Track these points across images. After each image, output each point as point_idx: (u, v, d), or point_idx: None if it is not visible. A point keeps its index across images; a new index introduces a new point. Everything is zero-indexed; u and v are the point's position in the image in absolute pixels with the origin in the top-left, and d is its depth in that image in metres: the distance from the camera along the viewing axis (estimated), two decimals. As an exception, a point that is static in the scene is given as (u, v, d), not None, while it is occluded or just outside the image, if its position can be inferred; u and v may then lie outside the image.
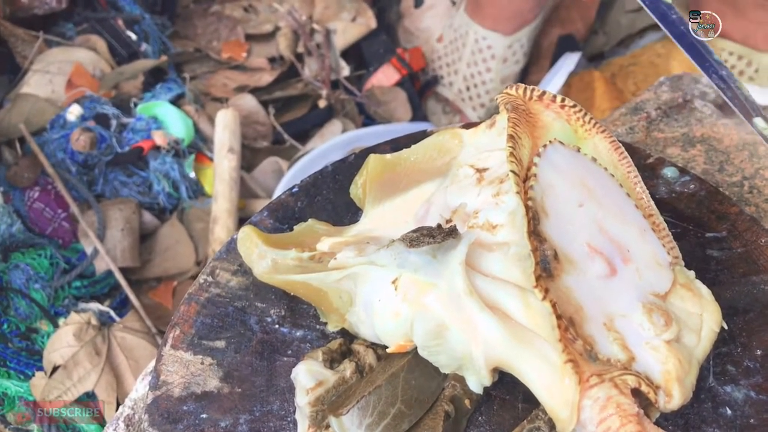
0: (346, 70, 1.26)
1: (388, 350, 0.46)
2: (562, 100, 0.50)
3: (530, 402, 0.47)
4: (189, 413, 0.49)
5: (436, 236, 0.44)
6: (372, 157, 0.55)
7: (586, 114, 0.50)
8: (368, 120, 1.22)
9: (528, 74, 1.28)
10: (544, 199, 0.44)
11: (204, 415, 0.49)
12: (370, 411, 0.43)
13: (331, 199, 0.59)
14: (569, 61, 1.19)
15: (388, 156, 0.55)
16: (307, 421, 0.45)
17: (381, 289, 0.46)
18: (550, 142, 0.47)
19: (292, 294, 0.52)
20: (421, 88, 1.25)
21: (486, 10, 1.17)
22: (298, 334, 0.53)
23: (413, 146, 0.55)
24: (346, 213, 0.59)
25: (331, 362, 0.47)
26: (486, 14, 1.17)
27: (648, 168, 0.60)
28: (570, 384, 0.41)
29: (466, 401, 0.46)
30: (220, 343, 0.53)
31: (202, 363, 0.52)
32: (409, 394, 0.45)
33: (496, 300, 0.43)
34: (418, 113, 1.21)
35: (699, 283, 0.47)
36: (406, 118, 1.20)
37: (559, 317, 0.41)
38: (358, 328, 0.49)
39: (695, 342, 0.45)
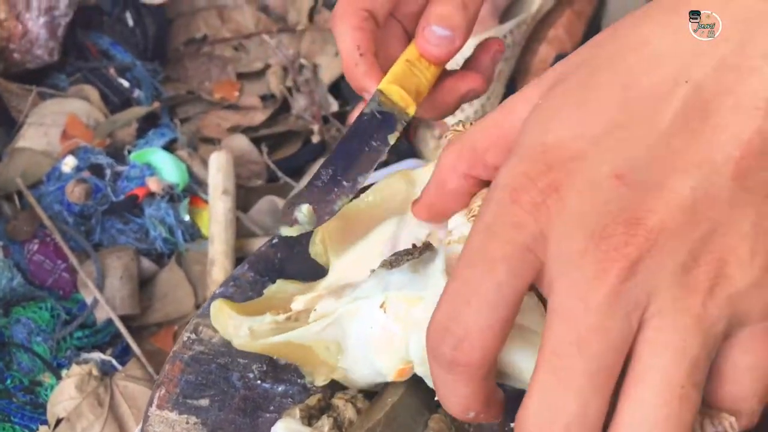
0: (334, 106, 1.27)
1: (389, 379, 0.46)
2: None
3: None
4: (174, 475, 0.50)
5: (413, 253, 0.45)
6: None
7: None
8: (360, 153, 1.23)
9: (515, 89, 1.28)
10: None
11: (189, 476, 0.50)
12: (348, 468, 0.44)
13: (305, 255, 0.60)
14: None
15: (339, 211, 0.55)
16: (288, 480, 0.45)
17: (370, 318, 0.46)
18: None
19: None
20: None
21: None
22: (279, 389, 0.53)
23: (361, 195, 0.56)
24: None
25: (310, 419, 0.47)
26: None
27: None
28: None
29: (447, 453, 0.46)
30: (204, 402, 0.53)
31: (188, 422, 0.53)
32: (387, 449, 0.45)
33: None
34: (401, 146, 1.22)
35: None
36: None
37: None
38: (354, 371, 0.48)
39: None
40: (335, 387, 0.52)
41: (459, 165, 0.44)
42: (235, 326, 0.51)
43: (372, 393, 0.50)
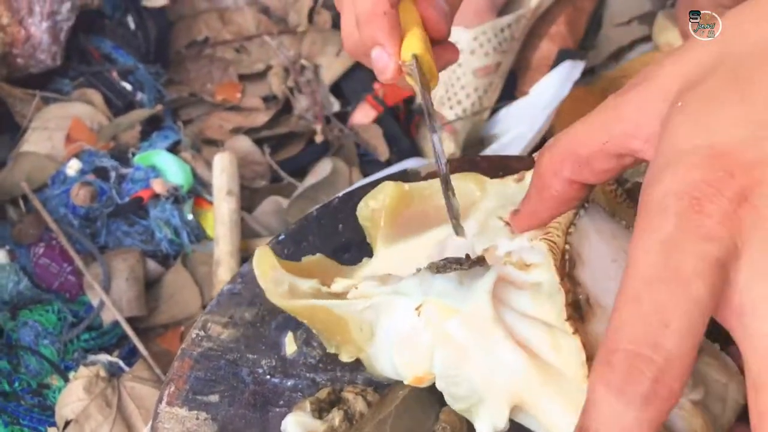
0: (336, 106, 1.27)
1: (405, 382, 0.46)
2: None
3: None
4: (186, 470, 0.50)
5: (463, 263, 0.44)
6: (390, 185, 0.54)
7: (618, 187, 0.50)
8: (365, 154, 1.23)
9: (518, 86, 1.28)
10: (581, 248, 0.44)
11: (201, 472, 0.50)
12: (359, 459, 0.44)
13: (318, 245, 0.60)
14: (575, 69, 1.19)
15: (407, 186, 0.54)
16: (300, 473, 0.45)
17: (404, 317, 0.46)
18: (591, 201, 0.46)
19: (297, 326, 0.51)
20: (406, 118, 1.26)
21: None
22: (289, 383, 0.53)
23: (431, 181, 0.55)
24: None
25: (320, 411, 0.47)
26: None
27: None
28: None
29: (456, 444, 0.46)
30: (214, 398, 0.54)
31: (197, 418, 0.53)
32: (398, 440, 0.45)
33: (522, 335, 0.43)
34: (403, 145, 1.22)
35: (724, 354, 0.46)
36: (385, 153, 1.21)
37: (588, 359, 0.40)
38: (377, 360, 0.48)
39: (720, 410, 0.43)
40: (343, 382, 0.52)
41: (562, 170, 0.41)
42: (275, 278, 0.51)
43: (383, 386, 0.51)
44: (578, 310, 0.41)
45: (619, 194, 0.49)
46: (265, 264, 0.52)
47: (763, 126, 0.33)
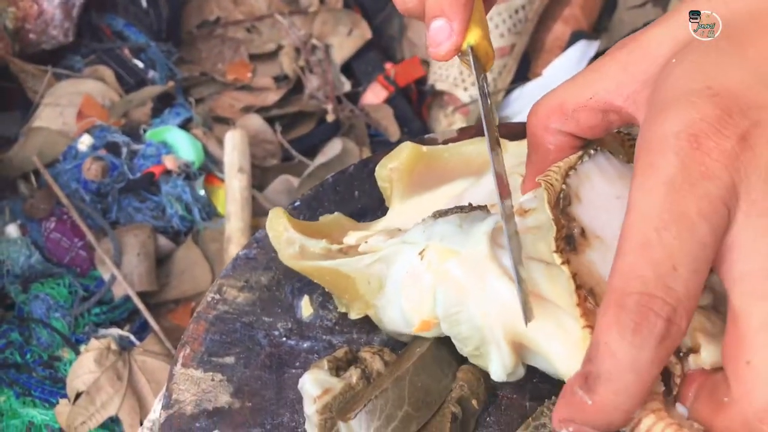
0: (347, 86, 1.27)
1: (413, 330, 0.46)
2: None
3: (537, 400, 0.47)
4: (202, 430, 0.50)
5: (464, 208, 0.45)
6: (408, 145, 0.54)
7: (627, 133, 0.50)
8: (375, 134, 1.23)
9: (531, 67, 1.28)
10: (579, 188, 0.44)
11: (216, 431, 0.50)
12: (377, 415, 0.44)
13: (333, 211, 0.60)
14: (590, 49, 1.19)
15: (425, 148, 0.55)
16: (317, 430, 0.45)
17: (408, 263, 0.46)
18: (598, 149, 0.46)
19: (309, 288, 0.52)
20: (418, 98, 1.26)
21: None
22: (305, 345, 0.53)
23: (450, 144, 0.55)
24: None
25: (337, 370, 0.47)
26: None
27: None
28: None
29: (474, 402, 0.46)
30: (230, 359, 0.53)
31: (213, 379, 0.53)
32: (416, 397, 0.45)
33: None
34: (414, 125, 1.22)
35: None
36: (396, 133, 1.21)
37: (579, 287, 0.40)
38: (385, 312, 0.48)
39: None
40: (360, 343, 0.52)
41: (550, 123, 0.42)
42: (288, 239, 0.51)
43: (399, 347, 0.50)
44: (571, 243, 0.42)
45: (627, 140, 0.49)
46: (278, 225, 0.52)
47: (761, 76, 0.34)
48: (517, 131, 0.60)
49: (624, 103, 0.39)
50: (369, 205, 0.60)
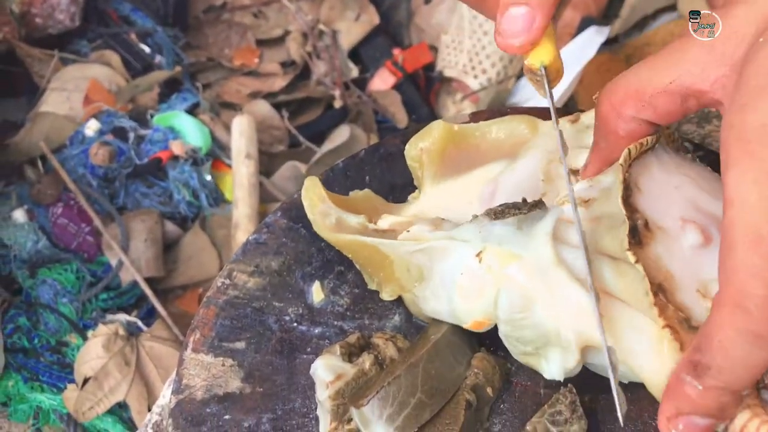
0: (354, 71, 1.26)
1: (464, 326, 0.45)
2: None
3: (552, 387, 0.47)
4: (212, 415, 0.50)
5: (521, 208, 0.43)
6: (440, 124, 0.53)
7: (675, 131, 0.49)
8: (383, 120, 1.22)
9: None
10: (639, 178, 0.43)
11: (227, 416, 0.49)
12: (390, 401, 0.43)
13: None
14: (600, 34, 1.18)
15: (456, 127, 0.53)
16: (329, 416, 0.45)
17: (463, 263, 0.45)
18: (660, 138, 0.45)
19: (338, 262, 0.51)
20: (426, 85, 1.25)
21: None
22: (316, 331, 0.53)
23: (481, 123, 0.53)
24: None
25: (350, 356, 0.47)
26: None
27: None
28: (670, 351, 0.39)
29: (488, 389, 0.46)
30: (240, 344, 0.53)
31: (223, 365, 0.52)
32: (430, 384, 0.45)
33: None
34: (422, 112, 1.21)
35: None
36: (403, 120, 1.20)
37: (649, 283, 0.39)
38: (428, 302, 0.47)
39: None
40: (371, 330, 0.52)
41: (625, 110, 0.40)
42: (323, 210, 0.50)
43: (412, 334, 0.50)
44: (636, 236, 0.40)
45: (676, 138, 0.48)
46: (313, 195, 0.52)
47: None
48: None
49: (711, 88, 0.37)
50: (380, 191, 0.59)
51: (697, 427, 0.35)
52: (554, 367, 0.43)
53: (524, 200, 0.43)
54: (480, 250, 0.44)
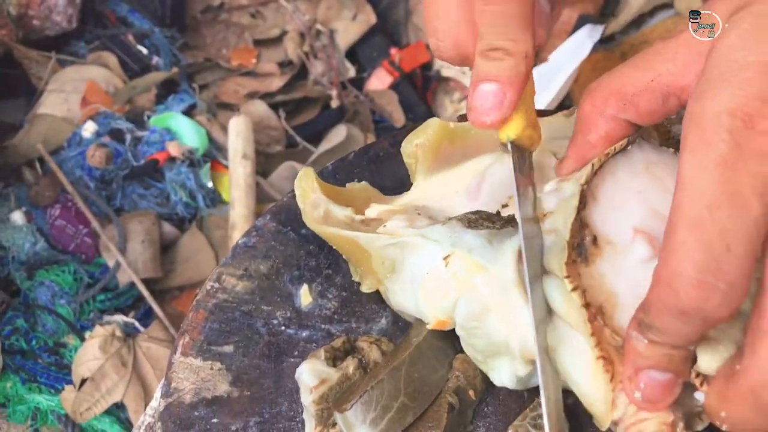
0: (351, 71, 1.26)
1: (428, 326, 0.46)
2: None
3: (536, 391, 0.47)
4: (200, 418, 0.50)
5: (495, 222, 0.44)
6: (436, 121, 0.53)
7: (668, 129, 0.49)
8: (380, 120, 1.23)
9: (538, 51, 1.27)
10: (599, 185, 0.43)
11: (215, 420, 0.50)
12: (373, 405, 0.44)
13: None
14: (595, 32, 1.18)
15: (452, 124, 0.54)
16: (314, 420, 0.45)
17: (430, 263, 0.46)
18: (626, 146, 0.45)
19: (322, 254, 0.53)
20: (423, 84, 1.25)
21: None
22: (303, 334, 0.53)
23: None
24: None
25: (334, 360, 0.47)
26: None
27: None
28: (601, 382, 0.40)
29: (471, 392, 0.46)
30: (229, 348, 0.53)
31: (212, 368, 0.53)
32: (412, 387, 0.45)
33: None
34: (419, 111, 1.21)
35: None
36: (400, 120, 1.20)
37: (587, 305, 0.40)
38: (396, 296, 0.48)
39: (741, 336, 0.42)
40: (358, 333, 0.52)
41: (606, 109, 0.40)
42: (314, 201, 0.51)
43: (397, 337, 0.50)
44: (583, 254, 0.41)
45: (666, 128, 0.48)
46: (307, 185, 0.52)
47: None
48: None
49: (690, 83, 0.37)
50: (369, 194, 0.59)
51: (657, 382, 0.36)
52: (504, 376, 0.45)
53: (498, 213, 0.44)
54: (448, 253, 0.45)
